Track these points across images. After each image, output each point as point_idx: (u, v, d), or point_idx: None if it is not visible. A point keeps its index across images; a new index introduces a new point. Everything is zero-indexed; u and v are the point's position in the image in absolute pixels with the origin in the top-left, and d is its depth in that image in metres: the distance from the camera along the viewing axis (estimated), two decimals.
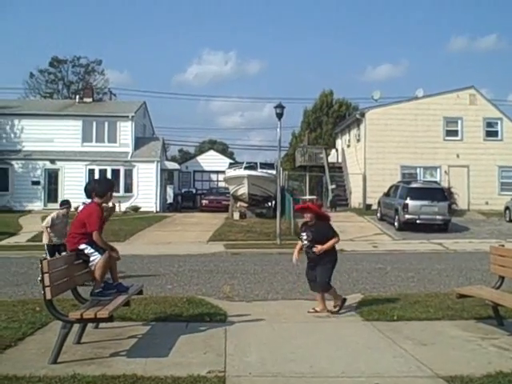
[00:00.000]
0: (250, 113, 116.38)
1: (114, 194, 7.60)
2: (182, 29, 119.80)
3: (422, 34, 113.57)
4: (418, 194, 24.75)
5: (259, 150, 78.58)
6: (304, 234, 8.46)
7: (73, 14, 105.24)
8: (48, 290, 5.77)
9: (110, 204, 7.46)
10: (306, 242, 8.39)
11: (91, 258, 6.65)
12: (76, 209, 9.17)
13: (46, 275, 5.75)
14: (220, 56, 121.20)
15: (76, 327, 6.35)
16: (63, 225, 12.56)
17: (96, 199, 6.97)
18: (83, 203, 8.10)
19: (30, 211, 33.07)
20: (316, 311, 8.37)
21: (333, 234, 8.47)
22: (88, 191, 7.24)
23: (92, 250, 6.63)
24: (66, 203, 13.40)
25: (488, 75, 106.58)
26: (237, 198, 31.14)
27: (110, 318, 6.00)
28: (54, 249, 12.35)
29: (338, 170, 40.33)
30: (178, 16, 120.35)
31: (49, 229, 12.49)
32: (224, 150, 68.42)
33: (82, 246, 6.64)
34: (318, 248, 8.21)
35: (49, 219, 12.63)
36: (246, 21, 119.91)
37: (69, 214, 12.89)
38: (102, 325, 7.00)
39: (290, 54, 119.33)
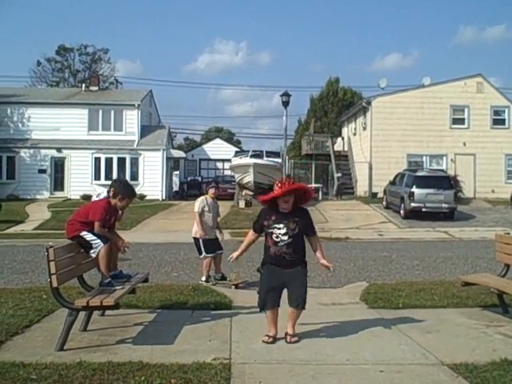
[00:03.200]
0: (259, 102, 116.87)
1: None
2: (194, 18, 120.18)
3: (431, 24, 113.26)
4: (423, 182, 24.73)
5: (266, 139, 78.79)
6: (281, 225, 6.10)
7: (86, 4, 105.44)
8: (54, 277, 5.79)
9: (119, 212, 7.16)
10: (284, 238, 6.08)
11: (93, 246, 6.60)
12: (84, 197, 8.67)
13: (52, 263, 5.76)
14: (231, 46, 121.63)
15: (82, 315, 6.38)
16: (215, 214, 10.34)
17: (111, 198, 6.91)
18: (97, 194, 8.03)
19: (36, 199, 33.21)
20: (271, 337, 6.18)
21: (314, 227, 6.45)
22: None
23: (93, 237, 6.57)
24: (213, 183, 10.91)
25: (497, 65, 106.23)
26: (242, 186, 31.16)
27: (116, 306, 6.01)
28: (210, 244, 10.21)
29: (343, 158, 40.25)
30: (191, 6, 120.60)
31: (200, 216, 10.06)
32: (230, 138, 68.34)
33: (83, 233, 6.55)
34: (328, 265, 6.31)
35: (198, 204, 10.15)
36: (257, 11, 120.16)
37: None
38: (107, 312, 7.03)
39: (300, 45, 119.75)
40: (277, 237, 6.11)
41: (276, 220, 6.13)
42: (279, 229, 6.09)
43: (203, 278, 10.16)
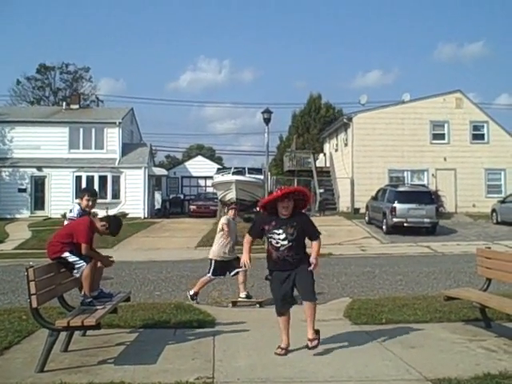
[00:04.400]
0: (242, 119, 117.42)
1: (102, 200, 7.43)
2: (177, 37, 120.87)
3: (411, 41, 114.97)
4: (405, 197, 24.86)
5: (249, 155, 78.86)
6: (280, 230, 6.30)
7: (69, 22, 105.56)
8: (34, 298, 5.72)
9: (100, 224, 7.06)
10: (283, 243, 6.28)
11: (76, 266, 6.56)
12: (63, 216, 8.52)
13: (32, 283, 5.69)
14: (214, 64, 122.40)
15: (63, 335, 6.29)
16: (234, 234, 10.21)
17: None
18: (70, 210, 8.01)
19: (16, 219, 32.86)
20: (284, 349, 6.39)
21: (317, 231, 6.65)
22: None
23: (76, 258, 6.52)
24: (233, 205, 10.79)
25: (476, 80, 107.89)
26: (225, 203, 31.11)
27: (98, 326, 5.95)
28: (221, 267, 10.07)
29: (325, 174, 40.42)
30: (174, 24, 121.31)
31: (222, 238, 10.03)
32: (212, 155, 68.41)
33: (65, 254, 6.52)
34: (315, 262, 6.38)
35: (223, 226, 10.07)
36: (240, 29, 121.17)
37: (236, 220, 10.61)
38: (89, 332, 6.93)
39: (282, 62, 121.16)
40: (277, 242, 6.31)
41: (276, 225, 6.32)
42: (278, 234, 6.30)
43: (191, 292, 10.08)
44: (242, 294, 10.18)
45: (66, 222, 7.73)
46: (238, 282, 10.31)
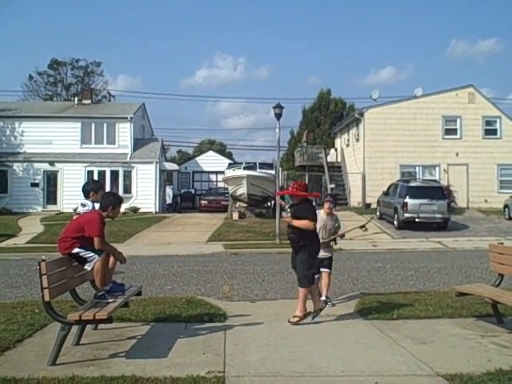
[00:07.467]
0: (256, 115, 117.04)
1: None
2: (194, 34, 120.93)
3: (426, 37, 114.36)
4: (417, 192, 24.77)
5: (261, 151, 78.72)
6: (289, 210, 8.19)
7: (86, 19, 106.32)
8: (46, 291, 5.75)
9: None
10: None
11: (88, 260, 6.55)
12: (74, 210, 8.52)
13: (45, 277, 5.73)
14: (230, 61, 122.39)
15: (75, 329, 6.33)
16: (324, 230, 8.96)
17: (100, 210, 6.89)
18: (81, 204, 8.03)
19: (29, 213, 33.07)
20: (296, 318, 7.58)
21: (306, 215, 7.67)
22: (86, 191, 7.27)
23: (87, 252, 6.51)
24: (329, 197, 9.81)
25: (488, 76, 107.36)
26: (236, 198, 31.13)
27: (109, 319, 5.97)
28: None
29: (337, 169, 40.32)
30: (191, 22, 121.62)
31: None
32: (222, 150, 68.39)
33: (76, 250, 6.50)
34: (287, 218, 7.95)
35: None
36: (256, 26, 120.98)
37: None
38: (101, 326, 6.97)
39: (297, 59, 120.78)
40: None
41: (289, 207, 8.29)
42: (287, 213, 8.21)
43: (323, 297, 8.84)
44: (322, 297, 8.83)
45: (75, 217, 7.72)
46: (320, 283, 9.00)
